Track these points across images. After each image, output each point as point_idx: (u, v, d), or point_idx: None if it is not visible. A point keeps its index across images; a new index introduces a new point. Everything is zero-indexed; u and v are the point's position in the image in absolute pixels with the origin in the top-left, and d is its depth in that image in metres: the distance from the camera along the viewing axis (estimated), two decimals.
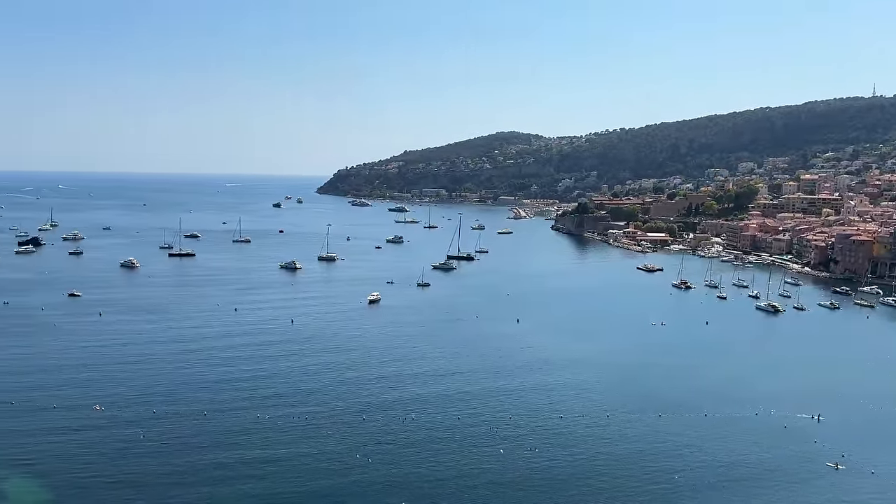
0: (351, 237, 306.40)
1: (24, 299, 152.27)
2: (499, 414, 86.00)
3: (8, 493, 63.08)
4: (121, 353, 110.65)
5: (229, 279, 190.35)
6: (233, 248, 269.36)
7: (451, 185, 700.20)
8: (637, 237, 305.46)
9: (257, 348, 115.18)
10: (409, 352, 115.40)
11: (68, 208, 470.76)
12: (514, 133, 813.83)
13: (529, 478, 68.57)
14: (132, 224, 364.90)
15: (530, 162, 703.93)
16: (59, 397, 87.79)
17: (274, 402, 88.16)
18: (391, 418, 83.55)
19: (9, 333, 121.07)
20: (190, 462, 70.10)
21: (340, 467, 69.70)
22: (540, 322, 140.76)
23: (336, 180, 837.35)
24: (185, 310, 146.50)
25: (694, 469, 71.68)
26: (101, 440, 74.96)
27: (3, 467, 67.59)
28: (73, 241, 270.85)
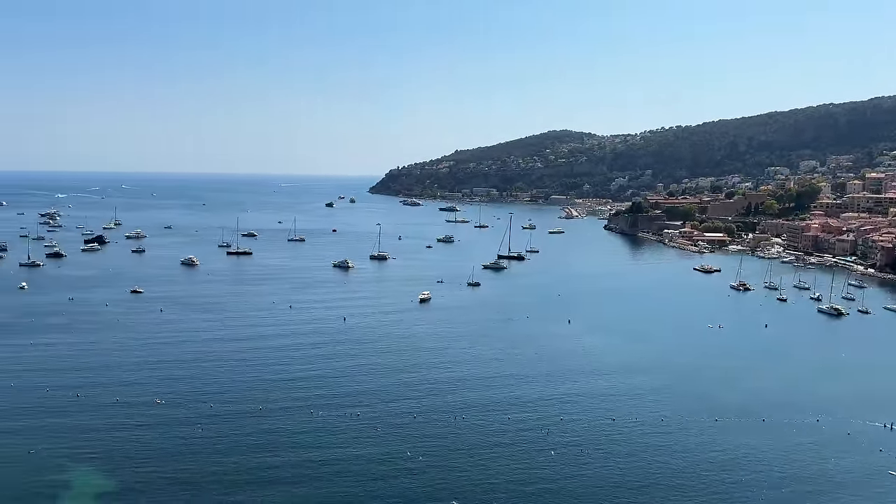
0: (402, 236, 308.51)
1: (89, 296, 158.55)
2: (550, 416, 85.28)
3: (72, 484, 65.71)
4: (180, 349, 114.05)
5: (284, 277, 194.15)
6: (288, 247, 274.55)
7: (501, 185, 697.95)
8: (694, 237, 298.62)
9: (311, 347, 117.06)
10: (459, 352, 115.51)
11: (131, 208, 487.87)
12: (566, 132, 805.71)
13: (581, 482, 67.76)
14: (192, 223, 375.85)
15: (583, 161, 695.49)
16: (121, 392, 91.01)
17: (326, 401, 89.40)
18: (442, 419, 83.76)
19: (75, 329, 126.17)
20: (243, 458, 71.67)
21: (391, 467, 70.21)
22: (592, 323, 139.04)
23: (388, 180, 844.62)
24: (242, 307, 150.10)
25: (752, 477, 69.49)
26: (160, 435, 77.36)
27: (68, 459, 70.44)
28: (136, 240, 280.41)
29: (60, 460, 69.76)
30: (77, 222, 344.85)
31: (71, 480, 65.99)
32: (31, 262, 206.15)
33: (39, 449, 72.12)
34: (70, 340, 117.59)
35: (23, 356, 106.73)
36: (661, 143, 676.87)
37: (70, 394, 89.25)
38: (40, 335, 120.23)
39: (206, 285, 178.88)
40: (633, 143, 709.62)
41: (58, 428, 78.17)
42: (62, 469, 68.02)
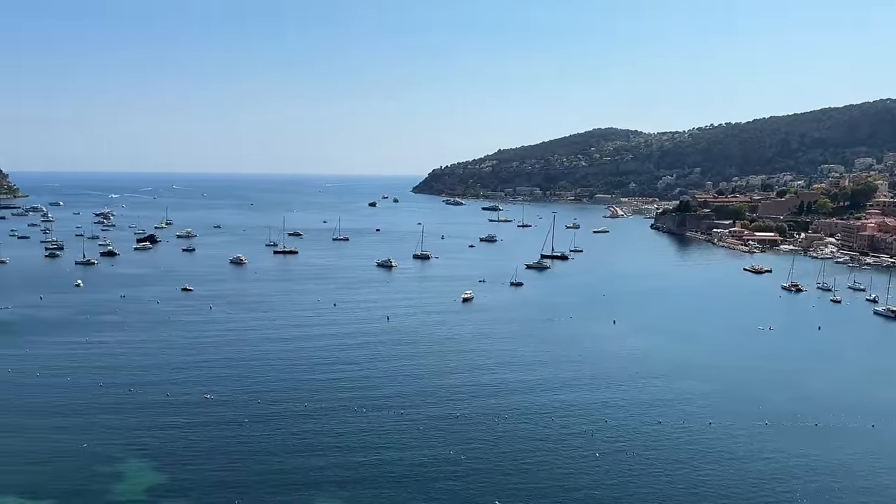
0: (445, 236, 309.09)
1: (141, 293, 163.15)
2: (595, 417, 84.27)
3: (124, 476, 67.64)
4: (228, 346, 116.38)
5: (329, 276, 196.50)
6: (332, 246, 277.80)
7: (545, 184, 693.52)
8: (744, 237, 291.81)
9: (355, 346, 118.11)
10: (502, 352, 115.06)
11: (182, 207, 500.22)
12: (611, 129, 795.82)
13: (626, 485, 66.75)
14: (240, 222, 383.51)
15: (629, 159, 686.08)
16: (171, 389, 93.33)
17: (370, 401, 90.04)
18: (485, 420, 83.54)
19: (128, 326, 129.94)
20: (288, 458, 72.70)
21: (434, 468, 70.30)
22: (638, 324, 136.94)
23: (431, 179, 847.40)
24: (288, 305, 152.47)
25: (805, 487, 67.39)
26: (208, 432, 79.02)
27: (121, 452, 72.55)
28: (187, 239, 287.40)
29: (114, 454, 71.87)
30: (130, 222, 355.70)
31: (123, 474, 67.93)
32: (86, 260, 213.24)
33: (92, 444, 74.43)
34: (123, 337, 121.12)
35: (78, 353, 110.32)
36: (710, 140, 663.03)
37: (123, 390, 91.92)
38: (95, 332, 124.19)
39: (253, 284, 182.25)
40: (681, 140, 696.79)
41: (111, 423, 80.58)
42: (115, 462, 70.06)
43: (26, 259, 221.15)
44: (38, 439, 75.28)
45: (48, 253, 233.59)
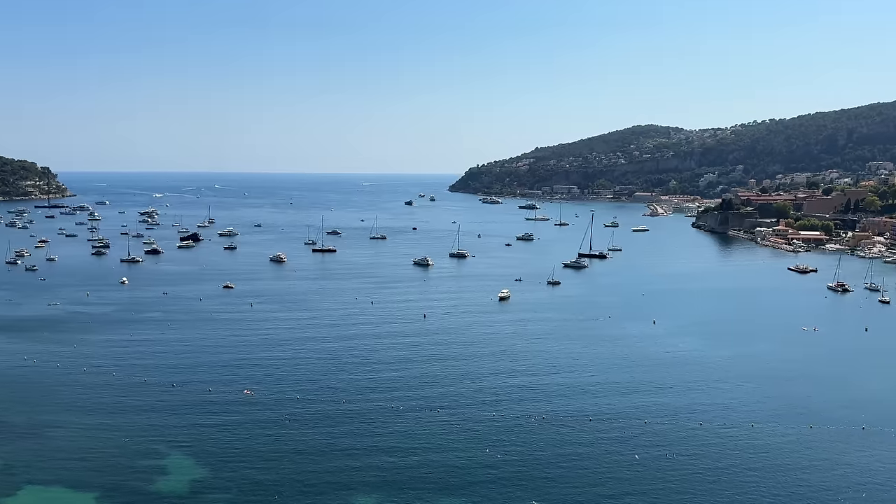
0: (481, 234, 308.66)
1: (185, 290, 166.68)
2: (633, 418, 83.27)
3: (168, 468, 69.23)
4: (269, 343, 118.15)
5: (366, 274, 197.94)
6: (370, 245, 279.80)
7: (583, 182, 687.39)
8: (788, 235, 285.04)
9: (391, 344, 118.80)
10: (540, 351, 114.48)
11: (224, 206, 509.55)
12: (651, 126, 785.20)
13: (664, 490, 65.77)
14: (280, 221, 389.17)
15: (669, 156, 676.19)
16: (213, 382, 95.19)
17: (406, 399, 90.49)
18: (522, 417, 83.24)
19: (171, 323, 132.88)
20: (325, 453, 73.55)
21: (470, 467, 70.32)
22: (678, 324, 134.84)
23: (467, 178, 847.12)
24: (326, 303, 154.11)
25: (850, 490, 65.63)
26: (249, 426, 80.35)
27: (165, 445, 74.26)
28: (228, 237, 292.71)
29: (157, 449, 73.59)
30: (173, 220, 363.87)
31: (166, 468, 69.49)
32: (131, 258, 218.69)
33: (135, 438, 76.29)
34: (166, 334, 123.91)
35: (123, 349, 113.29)
36: (753, 137, 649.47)
37: (166, 386, 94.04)
38: (139, 329, 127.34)
39: (292, 281, 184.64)
40: (723, 137, 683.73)
41: (155, 418, 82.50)
42: (158, 457, 71.72)
43: (74, 257, 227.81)
44: (83, 433, 77.48)
45: (95, 251, 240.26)
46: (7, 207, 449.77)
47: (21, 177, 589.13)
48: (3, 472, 67.81)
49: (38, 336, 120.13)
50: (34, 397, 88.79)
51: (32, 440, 75.32)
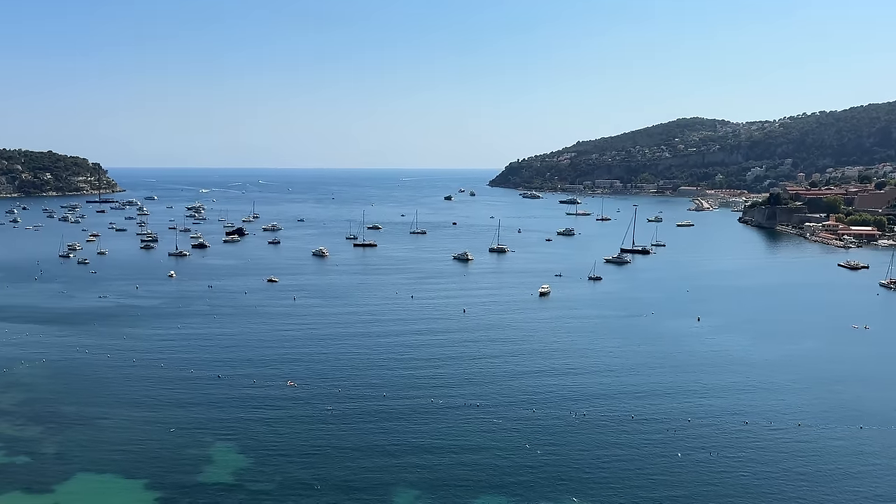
0: (522, 229, 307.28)
1: (230, 284, 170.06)
2: (676, 416, 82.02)
3: (213, 458, 70.81)
4: (311, 336, 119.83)
5: (407, 269, 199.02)
6: (410, 240, 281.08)
7: (626, 176, 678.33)
8: (839, 231, 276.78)
9: (431, 338, 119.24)
10: (580, 347, 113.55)
11: (268, 202, 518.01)
12: (697, 119, 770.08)
13: (708, 488, 64.62)
14: (322, 216, 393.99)
15: (715, 149, 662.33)
16: (257, 375, 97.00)
17: (445, 392, 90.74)
18: (561, 414, 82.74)
19: (218, 315, 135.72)
20: (366, 444, 74.26)
21: (509, 461, 70.21)
22: (723, 321, 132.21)
23: (507, 173, 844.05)
24: (367, 297, 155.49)
25: None
26: (292, 417, 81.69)
27: (209, 435, 75.99)
28: (272, 232, 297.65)
29: (203, 438, 75.35)
30: (219, 215, 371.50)
31: (211, 457, 71.11)
32: (178, 251, 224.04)
33: (182, 428, 78.21)
34: (212, 326, 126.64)
35: (171, 341, 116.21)
36: (803, 129, 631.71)
37: (212, 377, 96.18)
38: (186, 321, 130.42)
39: (334, 276, 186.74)
40: (771, 130, 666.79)
41: (201, 408, 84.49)
42: (204, 446, 73.42)
43: (123, 250, 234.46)
44: (132, 423, 79.81)
45: (143, 245, 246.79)
46: (60, 202, 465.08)
47: (73, 173, 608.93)
48: (57, 459, 70.32)
49: (89, 328, 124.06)
50: (85, 388, 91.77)
51: (84, 429, 77.88)
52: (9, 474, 66.89)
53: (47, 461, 69.80)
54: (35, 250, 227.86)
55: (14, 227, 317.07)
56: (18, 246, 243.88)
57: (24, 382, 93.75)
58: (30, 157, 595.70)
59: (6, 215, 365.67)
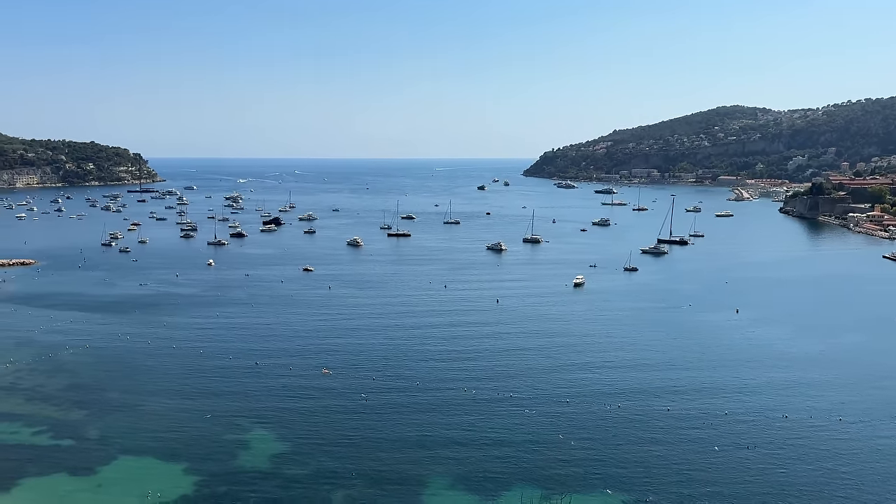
0: (556, 219, 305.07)
1: (267, 272, 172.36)
2: (714, 410, 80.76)
3: (250, 443, 72.01)
4: (346, 324, 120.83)
5: (440, 258, 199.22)
6: (444, 230, 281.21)
7: (663, 165, 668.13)
8: (884, 222, 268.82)
9: (464, 327, 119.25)
10: (615, 339, 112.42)
11: (304, 192, 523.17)
12: (737, 107, 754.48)
13: (744, 483, 63.55)
14: (357, 206, 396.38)
15: (756, 138, 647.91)
16: (293, 362, 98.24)
17: (479, 383, 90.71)
18: (596, 406, 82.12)
19: (255, 303, 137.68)
20: (399, 432, 74.70)
21: (542, 453, 69.94)
22: (763, 314, 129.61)
23: (542, 162, 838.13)
24: (400, 286, 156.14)
25: None
26: (327, 404, 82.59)
27: (247, 421, 77.24)
28: (308, 221, 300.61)
29: (240, 423, 76.66)
30: (256, 205, 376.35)
31: (248, 442, 72.33)
32: (217, 241, 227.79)
33: (220, 413, 79.63)
34: (249, 314, 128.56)
35: (209, 328, 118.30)
36: (847, 117, 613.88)
37: (249, 363, 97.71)
38: (224, 309, 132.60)
39: (368, 265, 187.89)
40: (814, 118, 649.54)
41: (239, 394, 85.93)
42: (241, 431, 74.70)
43: (164, 239, 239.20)
44: (171, 408, 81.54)
45: (183, 234, 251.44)
46: (102, 192, 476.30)
47: (115, 163, 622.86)
48: (100, 443, 72.23)
49: (131, 315, 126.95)
50: (126, 374, 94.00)
51: (125, 414, 79.81)
52: (54, 457, 68.98)
53: (90, 445, 71.75)
54: (78, 239, 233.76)
55: (58, 217, 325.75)
56: (62, 234, 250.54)
57: (69, 368, 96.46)
58: (73, 147, 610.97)
59: (51, 205, 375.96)
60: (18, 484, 63.48)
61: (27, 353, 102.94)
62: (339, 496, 61.29)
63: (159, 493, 61.37)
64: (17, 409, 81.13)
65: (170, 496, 61.09)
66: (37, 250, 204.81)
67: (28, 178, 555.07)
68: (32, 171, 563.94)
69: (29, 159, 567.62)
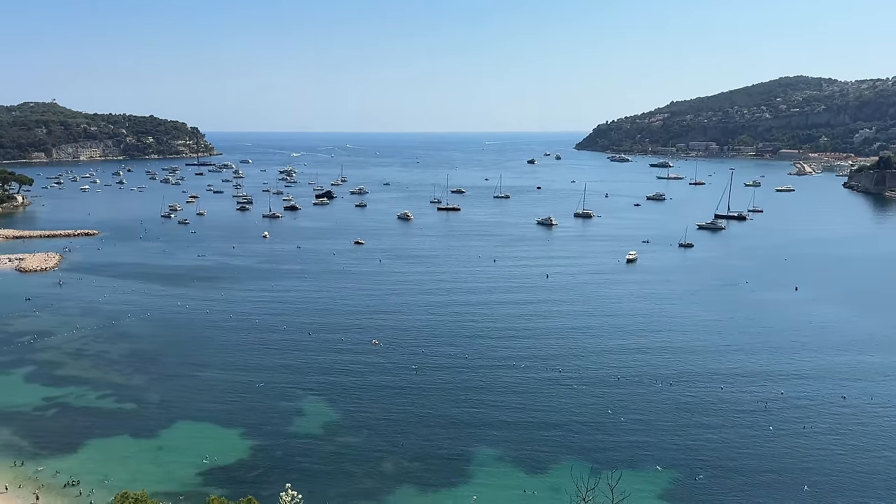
0: (609, 194, 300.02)
1: (319, 245, 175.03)
2: (770, 390, 78.90)
3: (304, 411, 73.80)
4: (396, 297, 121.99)
5: (490, 233, 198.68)
6: (493, 204, 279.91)
7: (722, 138, 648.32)
8: None
9: (513, 302, 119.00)
10: (668, 316, 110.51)
11: (356, 165, 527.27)
12: (800, 77, 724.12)
13: (800, 463, 62.07)
14: (407, 180, 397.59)
15: (820, 110, 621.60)
16: (345, 333, 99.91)
17: (527, 356, 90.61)
18: (647, 382, 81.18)
19: (308, 275, 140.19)
20: (448, 404, 75.37)
21: (591, 426, 69.64)
22: (823, 292, 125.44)
23: (595, 135, 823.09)
24: (450, 260, 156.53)
25: None
26: (377, 373, 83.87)
27: (300, 390, 79.09)
28: (359, 195, 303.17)
29: (294, 392, 78.60)
30: (309, 178, 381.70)
31: (302, 409, 74.16)
32: (271, 213, 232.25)
33: (275, 382, 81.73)
34: (302, 285, 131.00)
35: (264, 299, 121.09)
36: None
37: (303, 334, 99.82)
38: (279, 280, 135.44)
39: (418, 239, 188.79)
40: (884, 88, 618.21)
41: (292, 363, 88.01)
42: (295, 399, 76.62)
43: (221, 212, 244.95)
44: (228, 376, 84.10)
45: (239, 206, 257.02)
46: (162, 165, 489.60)
47: (173, 136, 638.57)
48: (160, 407, 75.11)
49: (190, 285, 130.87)
50: (185, 341, 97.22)
51: (184, 380, 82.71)
52: (117, 420, 72.08)
53: (151, 409, 74.69)
54: (139, 210, 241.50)
55: (120, 189, 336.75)
56: (124, 206, 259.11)
57: (131, 334, 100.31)
58: (133, 121, 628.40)
59: (113, 177, 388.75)
60: (85, 444, 66.65)
61: (92, 320, 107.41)
62: (388, 465, 62.42)
63: (216, 456, 63.58)
64: (83, 373, 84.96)
65: (226, 460, 63.22)
66: (100, 221, 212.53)
67: (91, 152, 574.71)
68: (95, 144, 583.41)
69: (92, 133, 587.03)
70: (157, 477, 60.07)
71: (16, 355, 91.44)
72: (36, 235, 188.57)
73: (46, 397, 77.70)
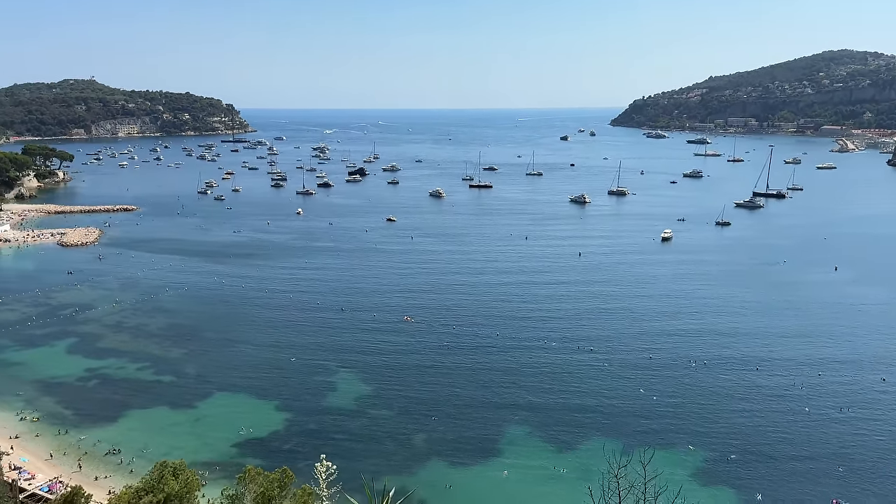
0: (644, 171, 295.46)
1: (352, 222, 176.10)
2: (806, 371, 77.63)
3: (337, 387, 74.83)
4: (427, 275, 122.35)
5: (522, 210, 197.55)
6: (526, 181, 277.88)
7: (762, 114, 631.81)
8: None
9: (545, 280, 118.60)
10: (703, 296, 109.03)
11: (387, 142, 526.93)
12: (845, 51, 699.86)
13: (835, 445, 61.14)
14: (439, 157, 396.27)
15: (865, 85, 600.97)
16: (377, 309, 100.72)
17: (558, 334, 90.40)
18: (681, 362, 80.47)
19: (341, 251, 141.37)
20: (478, 382, 75.75)
21: (622, 405, 69.40)
22: (863, 272, 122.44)
23: (631, 111, 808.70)
24: (482, 238, 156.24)
25: None
26: (409, 348, 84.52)
27: (334, 364, 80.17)
28: (391, 172, 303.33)
29: (327, 366, 79.71)
30: (342, 156, 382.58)
31: (335, 384, 75.22)
32: (305, 190, 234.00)
33: (308, 357, 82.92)
34: (336, 261, 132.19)
35: (298, 275, 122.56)
36: None
37: (335, 311, 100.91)
38: (312, 256, 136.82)
39: (450, 216, 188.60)
40: None
41: (325, 339, 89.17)
42: (328, 374, 77.74)
43: (255, 188, 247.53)
44: (264, 349, 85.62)
45: (273, 183, 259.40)
46: (198, 142, 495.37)
47: (209, 113, 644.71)
48: (197, 380, 76.84)
49: (226, 261, 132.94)
50: (222, 315, 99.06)
51: (221, 352, 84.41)
52: (157, 391, 73.99)
53: (189, 381, 76.48)
54: (176, 186, 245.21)
55: (157, 165, 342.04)
56: (161, 182, 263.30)
57: (169, 308, 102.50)
58: (170, 98, 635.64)
59: (150, 153, 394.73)
60: (125, 415, 68.62)
61: (131, 294, 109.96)
62: (420, 438, 63.12)
63: (251, 428, 64.97)
64: (123, 346, 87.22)
65: (262, 431, 64.58)
66: (138, 197, 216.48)
67: (129, 128, 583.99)
68: (132, 121, 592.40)
69: (129, 109, 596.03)
70: (194, 447, 61.67)
71: (59, 327, 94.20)
72: (77, 210, 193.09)
73: (88, 368, 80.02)
